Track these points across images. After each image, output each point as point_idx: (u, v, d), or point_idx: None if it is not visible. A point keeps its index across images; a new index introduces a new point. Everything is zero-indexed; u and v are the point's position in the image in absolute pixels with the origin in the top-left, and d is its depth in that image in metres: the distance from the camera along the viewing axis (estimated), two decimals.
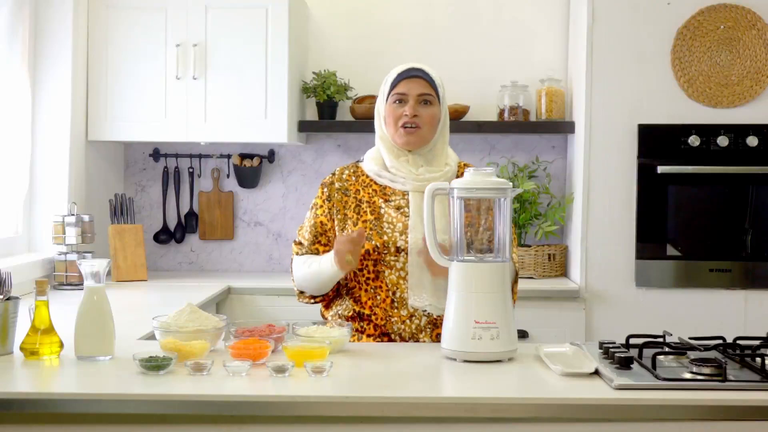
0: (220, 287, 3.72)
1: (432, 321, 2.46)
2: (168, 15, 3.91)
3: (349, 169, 2.63)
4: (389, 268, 2.47)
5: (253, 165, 4.28)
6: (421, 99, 2.52)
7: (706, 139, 3.77)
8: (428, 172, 2.53)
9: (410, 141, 2.52)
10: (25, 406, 1.86)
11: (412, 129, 2.51)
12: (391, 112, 2.53)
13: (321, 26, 4.35)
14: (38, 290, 2.14)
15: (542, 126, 4.13)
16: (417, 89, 2.52)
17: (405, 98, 2.52)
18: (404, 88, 2.52)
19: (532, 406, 1.86)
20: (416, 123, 2.51)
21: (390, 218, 2.50)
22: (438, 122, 2.55)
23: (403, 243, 2.46)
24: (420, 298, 2.45)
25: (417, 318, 2.45)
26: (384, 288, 2.47)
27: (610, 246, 3.82)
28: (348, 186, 2.58)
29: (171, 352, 2.06)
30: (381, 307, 2.47)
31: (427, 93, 2.53)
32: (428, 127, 2.53)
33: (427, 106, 2.53)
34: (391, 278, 2.46)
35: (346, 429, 1.87)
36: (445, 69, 4.29)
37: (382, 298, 2.47)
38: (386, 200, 2.54)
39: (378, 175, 2.56)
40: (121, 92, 3.92)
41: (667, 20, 3.79)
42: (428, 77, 2.54)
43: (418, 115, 2.51)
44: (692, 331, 2.53)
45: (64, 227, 3.60)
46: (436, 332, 2.45)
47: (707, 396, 1.87)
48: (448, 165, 2.57)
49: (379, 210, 2.52)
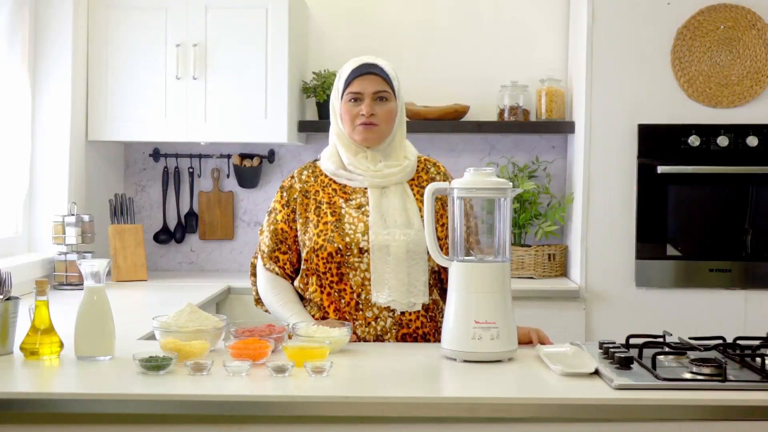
0: (220, 287, 3.72)
1: (397, 321, 2.41)
2: (168, 15, 3.91)
3: (307, 169, 2.58)
4: (353, 270, 2.43)
5: (253, 165, 4.29)
6: (377, 96, 2.48)
7: (706, 139, 3.77)
8: (387, 168, 2.49)
9: (368, 138, 2.48)
10: (25, 406, 1.86)
11: (369, 126, 2.47)
12: (347, 111, 2.48)
13: (321, 26, 4.35)
14: (38, 290, 2.14)
15: (542, 126, 4.13)
16: (372, 87, 2.47)
17: (360, 96, 2.47)
18: (359, 87, 2.48)
19: (532, 406, 1.86)
20: (372, 121, 2.47)
21: (351, 219, 2.46)
22: (395, 117, 2.51)
23: (366, 244, 2.42)
24: (383, 294, 2.40)
25: (382, 319, 2.41)
26: (348, 291, 2.43)
27: (610, 246, 3.82)
28: (308, 188, 2.53)
29: (171, 352, 2.06)
30: (345, 311, 2.43)
31: (383, 90, 2.48)
32: (385, 124, 2.49)
33: (383, 102, 2.48)
34: (355, 280, 2.42)
35: (346, 429, 1.87)
36: (445, 69, 4.34)
37: (347, 302, 2.43)
38: (347, 200, 2.49)
39: (335, 174, 2.52)
40: (121, 92, 3.92)
41: (667, 20, 3.80)
42: (383, 73, 2.50)
43: (375, 113, 2.47)
44: (692, 331, 2.53)
45: (64, 227, 3.60)
46: (401, 332, 2.42)
47: (707, 396, 1.87)
48: (407, 158, 2.53)
49: (340, 210, 2.47)
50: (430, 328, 2.46)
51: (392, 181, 2.49)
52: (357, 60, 2.54)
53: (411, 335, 2.43)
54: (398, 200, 2.47)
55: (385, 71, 2.51)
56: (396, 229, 2.43)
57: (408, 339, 2.43)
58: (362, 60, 2.53)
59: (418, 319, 2.44)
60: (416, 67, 4.31)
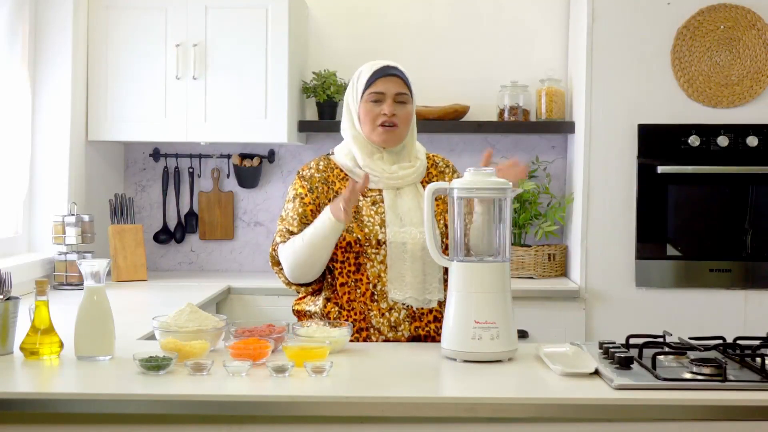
0: (220, 287, 3.72)
1: (411, 314, 2.47)
2: (168, 15, 3.91)
3: (323, 161, 2.61)
4: (370, 261, 2.47)
5: (253, 165, 4.28)
6: (398, 98, 2.53)
7: (706, 139, 3.77)
8: (401, 170, 2.55)
9: (388, 139, 2.53)
10: (25, 406, 1.86)
11: (390, 128, 2.52)
12: (368, 111, 2.53)
13: (321, 26, 4.35)
14: (38, 290, 2.14)
15: (542, 126, 4.13)
16: (394, 88, 2.53)
17: (382, 97, 2.52)
18: (382, 87, 2.52)
19: (532, 406, 1.86)
20: (394, 122, 2.52)
21: (368, 211, 2.51)
22: (411, 120, 2.58)
23: (383, 236, 2.47)
24: (401, 291, 2.46)
25: (396, 311, 2.46)
26: (365, 281, 2.47)
27: (610, 246, 3.82)
28: (326, 176, 2.57)
29: (171, 352, 2.06)
30: (360, 301, 2.47)
31: (403, 92, 2.54)
32: (404, 126, 2.55)
33: (402, 105, 2.54)
34: (372, 271, 2.47)
35: (346, 429, 1.87)
36: (445, 69, 4.33)
37: (362, 291, 2.47)
38: (363, 195, 2.53)
39: (351, 172, 2.56)
40: (121, 92, 3.92)
41: (667, 20, 3.79)
42: (403, 76, 2.56)
43: (396, 114, 2.52)
44: (692, 331, 2.53)
45: (64, 227, 3.60)
46: (414, 325, 2.46)
47: (707, 396, 1.87)
48: (418, 159, 2.60)
49: (358, 203, 2.51)
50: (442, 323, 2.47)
51: (407, 182, 2.55)
52: (376, 62, 2.59)
53: (423, 328, 2.48)
54: (412, 200, 2.53)
55: (405, 75, 2.57)
56: (412, 227, 2.49)
57: (420, 332, 2.48)
58: (383, 62, 2.58)
59: (431, 313, 2.49)
60: (416, 67, 4.27)
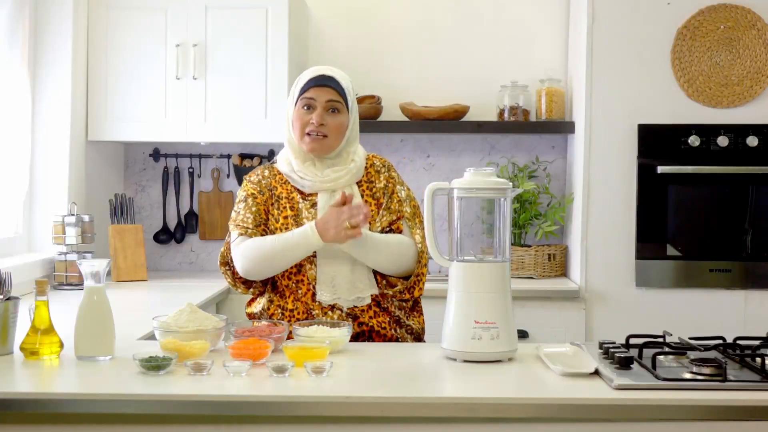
0: (220, 287, 3.72)
1: (352, 314, 2.48)
2: (168, 15, 3.91)
3: (267, 169, 2.63)
4: (309, 263, 2.50)
5: (253, 165, 4.28)
6: (329, 106, 2.51)
7: (706, 139, 3.77)
8: (333, 172, 2.54)
9: (315, 148, 2.52)
10: (25, 406, 1.86)
11: (318, 137, 2.50)
12: (299, 118, 2.52)
13: (321, 26, 4.35)
14: (38, 290, 2.14)
15: (542, 126, 4.13)
16: (325, 96, 2.50)
17: (313, 104, 2.51)
18: (313, 95, 2.51)
19: (532, 406, 1.86)
20: (322, 132, 2.50)
21: (307, 214, 2.52)
22: (345, 130, 2.54)
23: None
24: (329, 293, 2.47)
25: (338, 309, 2.48)
26: (305, 282, 2.50)
27: (610, 246, 3.82)
28: (270, 182, 2.59)
29: (171, 352, 2.06)
30: (302, 301, 2.50)
31: (336, 100, 2.51)
32: (334, 136, 2.52)
33: (334, 114, 2.51)
34: (311, 273, 2.49)
35: (346, 429, 1.87)
36: (445, 69, 4.33)
37: (303, 292, 2.50)
38: (303, 197, 2.55)
39: (288, 176, 2.57)
40: (121, 92, 3.92)
41: (667, 20, 3.79)
42: (338, 86, 2.52)
43: (325, 123, 2.50)
44: (692, 331, 2.53)
45: (64, 227, 3.60)
46: (358, 321, 2.48)
47: (707, 396, 1.87)
48: (353, 161, 2.56)
49: (298, 205, 2.53)
50: (383, 318, 2.51)
51: (340, 184, 2.54)
52: (316, 69, 2.57)
53: (367, 323, 2.49)
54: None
55: (341, 85, 2.54)
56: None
57: (365, 328, 2.49)
58: (321, 71, 2.56)
59: (370, 309, 2.50)
60: (416, 67, 4.31)
